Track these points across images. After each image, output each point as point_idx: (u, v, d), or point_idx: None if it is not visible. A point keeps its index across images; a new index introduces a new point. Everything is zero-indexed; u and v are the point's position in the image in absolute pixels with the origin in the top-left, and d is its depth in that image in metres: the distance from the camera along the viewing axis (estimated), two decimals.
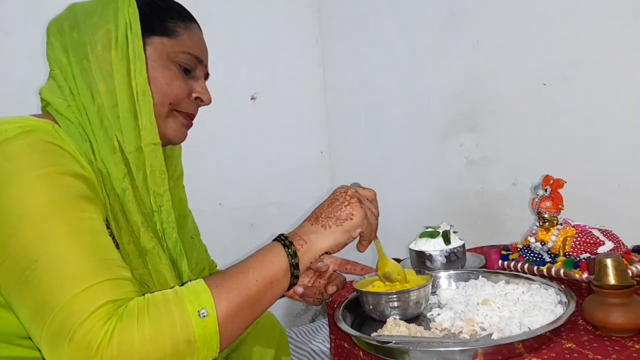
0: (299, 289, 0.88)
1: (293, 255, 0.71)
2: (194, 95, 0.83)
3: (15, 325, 0.64)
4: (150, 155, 0.77)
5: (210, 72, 0.88)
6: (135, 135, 0.76)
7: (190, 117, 0.84)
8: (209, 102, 0.86)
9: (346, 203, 0.76)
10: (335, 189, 0.80)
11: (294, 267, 0.71)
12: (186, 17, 0.82)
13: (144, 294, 0.62)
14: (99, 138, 0.74)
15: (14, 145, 0.63)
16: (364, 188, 0.82)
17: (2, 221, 0.60)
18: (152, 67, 0.77)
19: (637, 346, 0.69)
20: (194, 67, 0.82)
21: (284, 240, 0.73)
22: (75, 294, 0.56)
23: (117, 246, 0.76)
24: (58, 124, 0.73)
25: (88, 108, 0.74)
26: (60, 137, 0.68)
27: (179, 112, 0.82)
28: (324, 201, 0.79)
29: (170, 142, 0.83)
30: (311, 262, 0.73)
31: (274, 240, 0.74)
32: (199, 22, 0.85)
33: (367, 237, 0.79)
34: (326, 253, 0.75)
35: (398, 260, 1.23)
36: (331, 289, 0.88)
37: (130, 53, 0.75)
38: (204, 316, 0.60)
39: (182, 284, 0.80)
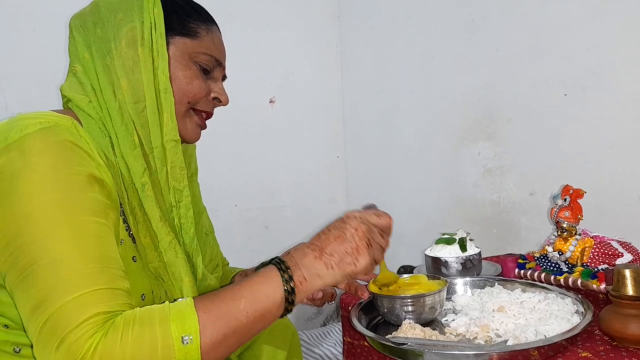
0: None
1: (290, 291, 0.66)
2: (212, 95, 0.84)
3: None
4: (171, 151, 0.78)
5: (230, 74, 0.89)
6: (158, 131, 0.77)
7: (205, 117, 0.86)
8: (226, 102, 0.87)
9: (354, 245, 0.69)
10: (347, 216, 0.73)
11: (290, 302, 0.67)
12: (207, 19, 0.83)
13: (134, 308, 0.61)
14: (119, 133, 0.75)
15: (32, 142, 0.64)
16: (378, 214, 0.75)
17: (10, 218, 0.61)
18: (174, 65, 0.78)
19: None
20: (212, 68, 0.83)
21: (282, 269, 0.68)
22: (70, 299, 0.57)
23: (133, 240, 0.77)
24: (79, 120, 0.74)
25: (109, 104, 0.75)
26: (78, 133, 0.68)
27: (196, 112, 0.83)
28: (332, 229, 0.72)
29: (184, 141, 0.84)
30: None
31: (272, 262, 0.69)
32: (218, 24, 0.86)
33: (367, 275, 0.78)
34: None
35: (411, 268, 1.23)
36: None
37: (154, 51, 0.76)
38: (187, 342, 0.58)
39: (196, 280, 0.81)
